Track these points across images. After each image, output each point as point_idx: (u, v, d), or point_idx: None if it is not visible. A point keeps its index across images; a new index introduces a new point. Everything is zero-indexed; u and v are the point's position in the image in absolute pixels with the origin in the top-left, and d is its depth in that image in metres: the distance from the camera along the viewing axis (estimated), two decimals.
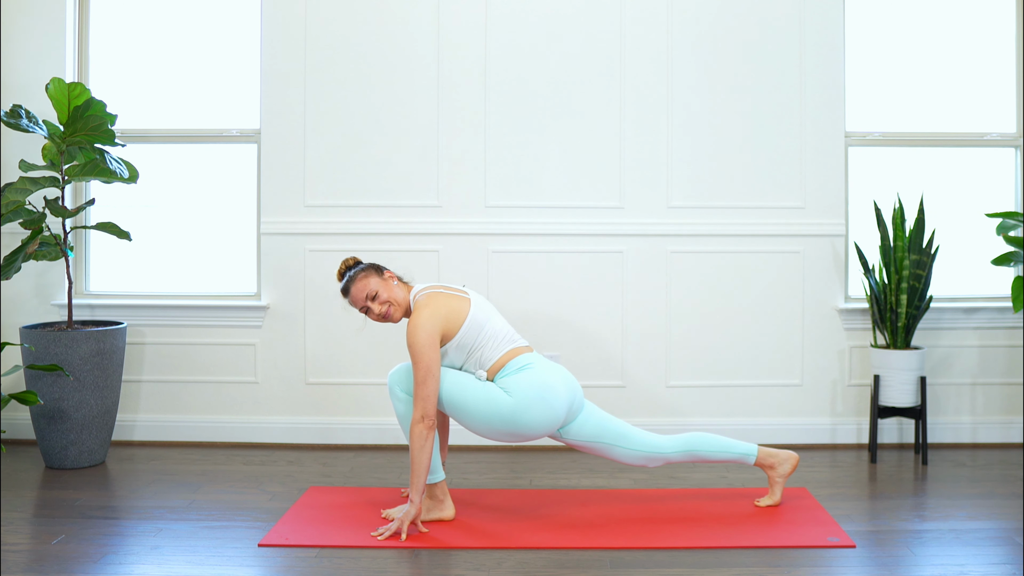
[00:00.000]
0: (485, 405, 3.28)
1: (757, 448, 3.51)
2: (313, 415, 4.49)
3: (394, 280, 3.44)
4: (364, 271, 3.42)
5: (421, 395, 3.21)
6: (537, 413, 3.28)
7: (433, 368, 3.22)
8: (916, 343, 4.44)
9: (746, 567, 2.95)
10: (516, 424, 3.28)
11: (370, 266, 3.45)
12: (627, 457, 3.44)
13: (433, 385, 3.22)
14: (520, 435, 3.32)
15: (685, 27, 4.44)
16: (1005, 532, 3.28)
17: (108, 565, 2.97)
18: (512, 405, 3.27)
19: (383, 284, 3.40)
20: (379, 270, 3.44)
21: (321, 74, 4.45)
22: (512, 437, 3.33)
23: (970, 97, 4.57)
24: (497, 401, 3.28)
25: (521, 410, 3.27)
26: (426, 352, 3.22)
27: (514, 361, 3.35)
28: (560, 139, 4.45)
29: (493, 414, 3.28)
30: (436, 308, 3.30)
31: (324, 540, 3.17)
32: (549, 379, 3.32)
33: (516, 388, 3.28)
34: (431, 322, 3.26)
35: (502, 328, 3.41)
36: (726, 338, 4.47)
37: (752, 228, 4.46)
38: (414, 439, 3.21)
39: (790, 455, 3.55)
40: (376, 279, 3.40)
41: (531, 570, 2.94)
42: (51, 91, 4.05)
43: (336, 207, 4.47)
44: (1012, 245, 4.07)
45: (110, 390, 4.16)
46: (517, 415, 3.27)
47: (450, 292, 3.40)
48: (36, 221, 4.02)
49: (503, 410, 3.27)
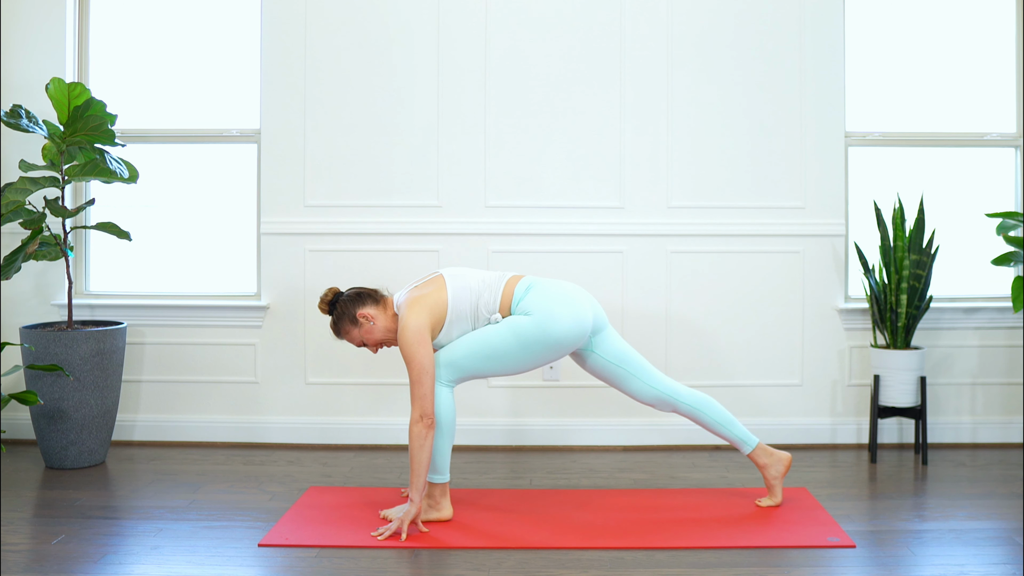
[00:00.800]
0: (513, 337, 3.29)
1: (758, 442, 3.52)
2: (313, 415, 4.49)
3: (373, 311, 3.40)
4: (342, 323, 3.42)
5: (418, 394, 3.22)
6: (564, 317, 3.30)
7: (427, 365, 3.22)
8: (916, 343, 4.44)
9: (746, 567, 2.95)
10: (550, 335, 3.29)
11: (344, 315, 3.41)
12: (642, 392, 3.47)
13: (429, 383, 3.22)
14: (558, 346, 3.31)
15: (685, 27, 4.44)
16: (1005, 532, 3.28)
17: (108, 565, 2.97)
18: (537, 320, 3.29)
19: (364, 330, 3.41)
20: (353, 317, 3.40)
21: (321, 74, 4.45)
22: (553, 352, 3.33)
23: (970, 97, 4.57)
24: (522, 326, 3.29)
25: (548, 320, 3.29)
26: (417, 350, 3.23)
27: (517, 288, 3.37)
28: (560, 139, 4.46)
29: (525, 340, 3.29)
30: (419, 306, 3.30)
31: (324, 540, 3.17)
32: (561, 287, 3.38)
33: (533, 306, 3.31)
34: (415, 319, 3.26)
35: (485, 275, 3.43)
36: (726, 338, 4.47)
37: (752, 228, 4.46)
38: (413, 438, 3.21)
39: (783, 455, 3.55)
40: (355, 330, 3.42)
41: (531, 570, 2.94)
42: (51, 91, 4.05)
43: (336, 207, 4.47)
44: (1012, 245, 4.07)
45: (110, 390, 4.16)
46: (546, 327, 3.28)
47: (423, 283, 3.41)
48: (36, 221, 4.02)
49: (531, 330, 3.29)
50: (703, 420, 3.51)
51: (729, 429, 3.51)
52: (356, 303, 3.42)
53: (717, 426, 3.51)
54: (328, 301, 3.46)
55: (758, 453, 3.52)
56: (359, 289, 3.48)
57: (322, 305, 3.47)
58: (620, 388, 3.51)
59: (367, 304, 3.42)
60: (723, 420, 3.51)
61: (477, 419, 4.43)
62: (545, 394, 4.47)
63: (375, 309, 3.42)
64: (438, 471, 3.32)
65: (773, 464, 3.53)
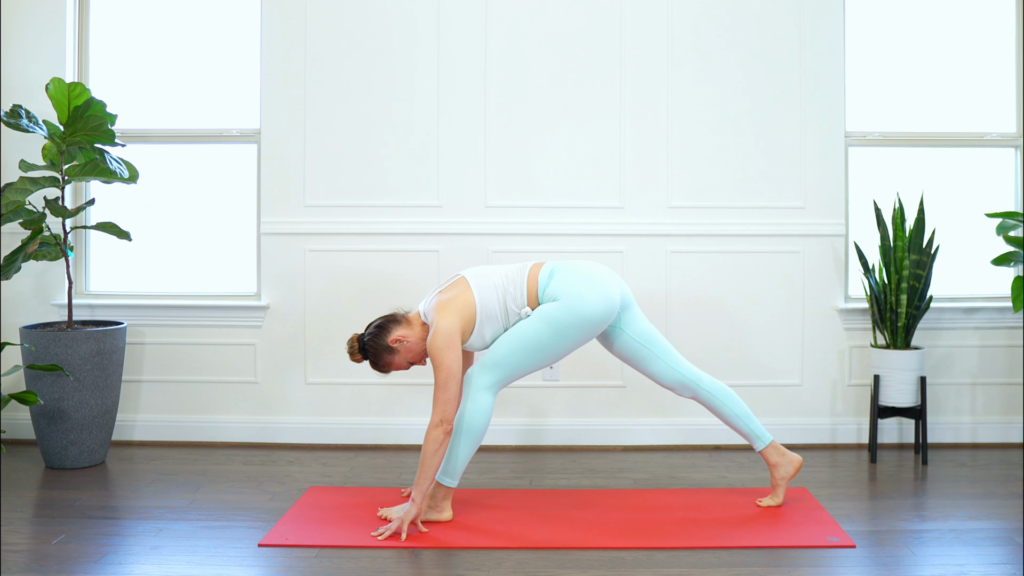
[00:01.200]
0: (547, 326, 3.29)
1: (772, 440, 3.51)
2: (313, 415, 4.49)
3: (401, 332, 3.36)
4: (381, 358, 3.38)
5: (442, 399, 3.19)
6: (592, 296, 3.30)
7: (455, 370, 3.20)
8: (916, 343, 4.44)
9: (746, 567, 2.95)
10: (581, 315, 3.29)
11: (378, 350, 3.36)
12: (665, 374, 3.48)
13: (454, 389, 3.20)
14: (591, 324, 3.32)
15: (685, 27, 4.44)
16: (1005, 532, 3.28)
17: (108, 565, 2.97)
18: (566, 304, 3.29)
19: (404, 353, 3.38)
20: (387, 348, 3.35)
21: (321, 74, 4.45)
22: (588, 331, 3.33)
23: (970, 97, 4.57)
24: (553, 313, 3.29)
25: (577, 301, 3.29)
26: (446, 354, 3.21)
27: (540, 276, 3.38)
28: (560, 139, 4.46)
29: (559, 326, 3.29)
30: (449, 310, 3.30)
31: (324, 540, 3.17)
32: (583, 266, 3.39)
33: (560, 290, 3.32)
34: (446, 323, 3.25)
35: (507, 270, 3.43)
36: (726, 338, 4.47)
37: (752, 228, 4.46)
38: (429, 442, 3.18)
39: (794, 457, 3.55)
40: (395, 357, 3.38)
41: (531, 570, 2.94)
42: (51, 91, 4.05)
43: (336, 207, 4.47)
44: (1012, 245, 4.07)
45: (110, 390, 4.16)
46: (576, 308, 3.29)
47: (447, 287, 3.41)
48: (36, 221, 4.02)
49: (563, 314, 3.29)
50: (721, 409, 3.51)
51: (746, 422, 3.51)
52: (382, 334, 3.37)
53: (734, 418, 3.51)
54: (356, 348, 3.42)
55: (770, 451, 3.52)
56: (377, 321, 3.42)
57: (354, 356, 3.42)
58: (643, 370, 3.51)
59: (392, 330, 3.38)
60: (741, 412, 3.51)
61: None
62: (545, 395, 4.47)
63: (402, 329, 3.38)
64: (451, 475, 3.29)
65: (783, 464, 3.53)
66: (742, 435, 3.54)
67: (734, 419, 3.51)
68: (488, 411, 3.28)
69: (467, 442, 3.27)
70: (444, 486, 3.31)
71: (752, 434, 3.51)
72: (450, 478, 3.30)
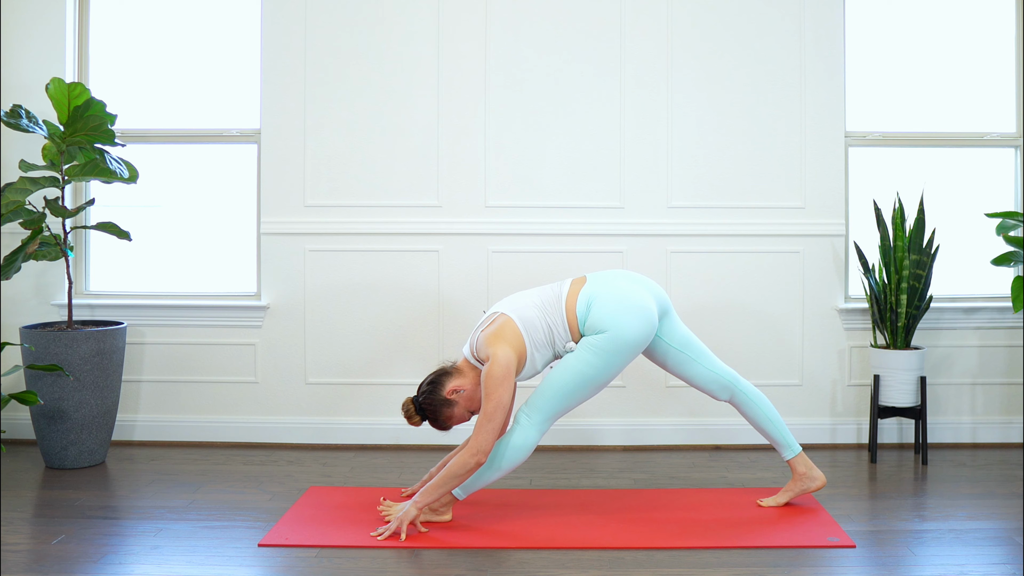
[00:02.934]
0: (596, 358, 3.25)
1: (801, 450, 3.51)
2: (313, 415, 4.49)
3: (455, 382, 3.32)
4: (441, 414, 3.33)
5: (487, 429, 3.14)
6: (635, 323, 3.28)
7: (505, 402, 3.16)
8: (916, 343, 4.44)
9: (746, 567, 2.95)
10: (627, 344, 3.27)
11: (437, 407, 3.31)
12: (703, 377, 3.47)
13: (500, 420, 3.15)
14: (637, 348, 3.31)
15: (685, 27, 4.44)
16: (1005, 532, 3.28)
17: (108, 565, 2.97)
18: (612, 337, 3.25)
19: (463, 402, 3.33)
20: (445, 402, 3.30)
21: (321, 74, 4.45)
22: (635, 353, 3.32)
23: (970, 97, 4.57)
24: (600, 346, 3.26)
25: (621, 332, 3.26)
26: (502, 385, 3.16)
27: (578, 306, 3.31)
28: (560, 139, 4.45)
29: (607, 357, 3.25)
30: (502, 341, 3.23)
31: (324, 540, 3.17)
32: (620, 288, 3.33)
33: (601, 321, 3.27)
34: (504, 353, 3.20)
35: (540, 296, 3.36)
36: (726, 338, 4.47)
37: (752, 228, 4.46)
38: (458, 466, 3.14)
39: (821, 476, 3.52)
40: (454, 409, 3.32)
41: (531, 570, 2.93)
42: (51, 91, 4.05)
43: (336, 207, 4.47)
44: (1012, 245, 4.07)
45: (110, 390, 4.16)
46: (622, 339, 3.26)
47: (487, 324, 3.33)
48: (36, 221, 4.02)
49: (609, 346, 3.25)
50: (755, 414, 3.50)
51: (779, 428, 3.51)
52: (436, 390, 3.32)
53: (767, 423, 3.50)
54: (414, 412, 3.36)
55: (798, 461, 3.51)
56: (429, 378, 3.36)
57: (411, 420, 3.36)
58: (681, 374, 3.50)
59: (446, 383, 3.33)
60: (774, 418, 3.51)
61: None
62: None
63: (455, 380, 3.34)
64: (465, 491, 3.26)
65: (810, 478, 3.51)
66: (772, 441, 3.53)
67: (767, 424, 3.50)
68: (530, 449, 3.24)
69: (498, 473, 3.24)
70: (453, 496, 3.29)
71: (783, 442, 3.50)
72: (463, 492, 3.27)
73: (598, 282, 3.37)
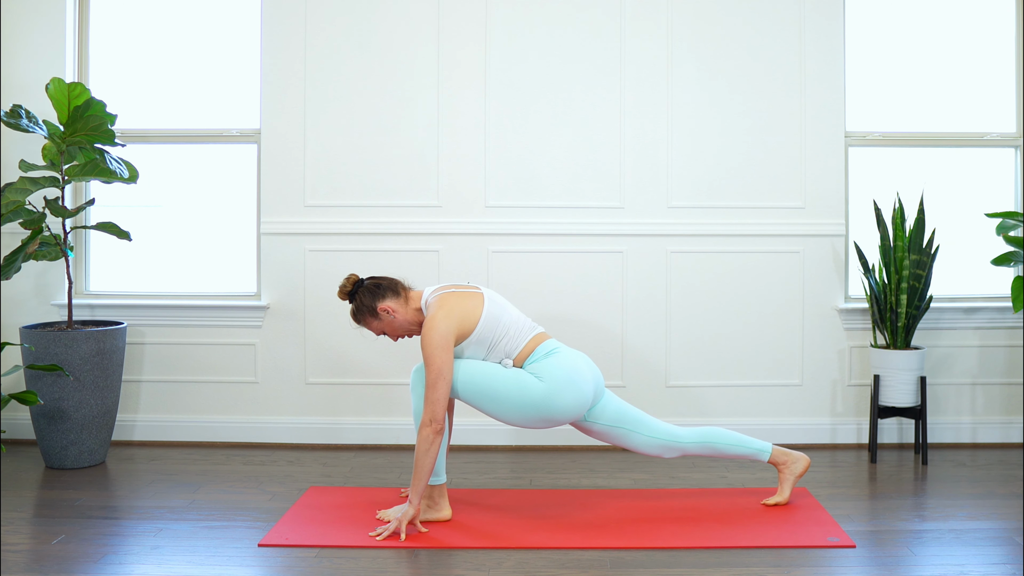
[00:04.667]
0: (517, 392, 3.28)
1: (772, 446, 3.53)
2: (313, 415, 4.49)
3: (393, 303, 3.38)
4: (362, 314, 3.40)
5: (431, 398, 3.19)
6: (569, 396, 3.29)
7: (445, 371, 3.20)
8: (916, 343, 4.44)
9: (746, 567, 2.95)
10: (549, 409, 3.28)
11: (364, 306, 3.38)
12: (645, 445, 3.45)
13: (444, 388, 3.20)
14: (551, 420, 3.32)
15: (685, 27, 4.44)
16: (1005, 532, 3.28)
17: (108, 565, 2.97)
18: (544, 390, 3.27)
19: (385, 323, 3.40)
20: (373, 310, 3.37)
21: (321, 74, 4.45)
22: (542, 422, 3.33)
23: (970, 97, 4.57)
24: (529, 387, 3.28)
25: (554, 394, 3.27)
26: (439, 354, 3.21)
27: (541, 347, 3.36)
28: (560, 139, 4.45)
29: (526, 400, 3.27)
30: (450, 309, 3.28)
31: (324, 540, 3.17)
32: (577, 362, 3.35)
33: (547, 373, 3.29)
34: (445, 323, 3.24)
35: (519, 317, 3.42)
36: (726, 338, 4.47)
37: (752, 228, 4.46)
38: (421, 441, 3.20)
39: (802, 456, 3.57)
40: (375, 322, 3.40)
41: (531, 570, 2.94)
42: (51, 91, 4.05)
43: (336, 207, 4.47)
44: (1012, 245, 4.07)
45: (110, 390, 4.16)
46: (550, 399, 3.27)
47: (461, 291, 3.38)
48: (36, 221, 4.02)
49: (536, 395, 3.27)
50: (715, 450, 3.50)
51: (743, 447, 3.51)
52: (376, 296, 3.38)
53: (730, 448, 3.51)
54: (348, 291, 3.43)
55: (776, 456, 3.54)
56: (378, 280, 3.43)
57: (341, 294, 3.44)
58: (624, 445, 3.49)
59: (387, 297, 3.39)
60: (734, 442, 3.51)
61: (478, 419, 4.43)
62: None
63: (395, 302, 3.39)
64: (435, 472, 3.32)
65: (792, 462, 3.55)
66: (746, 459, 3.55)
67: (731, 450, 3.51)
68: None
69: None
70: (434, 485, 3.33)
71: (754, 452, 3.52)
72: (435, 476, 3.32)
73: (568, 348, 3.42)
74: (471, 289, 3.41)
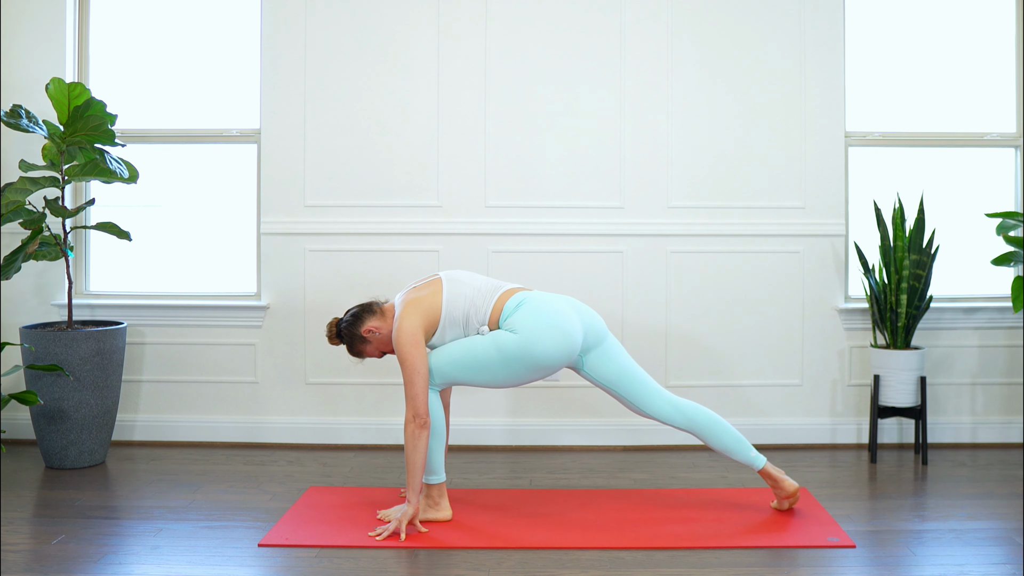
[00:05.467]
0: (496, 352, 3.30)
1: (765, 461, 3.43)
2: (313, 415, 4.49)
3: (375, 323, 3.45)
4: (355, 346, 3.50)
5: (410, 394, 3.25)
6: (548, 340, 3.29)
7: (419, 367, 3.25)
8: (916, 343, 4.44)
9: (746, 567, 2.95)
10: (532, 356, 3.29)
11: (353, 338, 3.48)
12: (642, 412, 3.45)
13: (421, 383, 3.25)
14: (541, 367, 3.32)
15: (685, 27, 4.44)
16: (1005, 532, 3.28)
17: (108, 565, 2.97)
18: (520, 340, 3.29)
19: (376, 342, 3.49)
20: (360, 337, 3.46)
21: (321, 74, 4.45)
22: (534, 372, 3.34)
23: (970, 97, 4.57)
24: (505, 343, 3.30)
25: (531, 342, 3.28)
26: (409, 351, 3.27)
27: (509, 302, 3.38)
28: (560, 139, 4.45)
29: (507, 356, 3.29)
30: (412, 307, 3.35)
31: (324, 540, 3.17)
32: (552, 305, 3.35)
33: (519, 323, 3.31)
34: (408, 321, 3.31)
35: (484, 283, 3.45)
36: (726, 338, 4.47)
37: (752, 228, 4.46)
38: (407, 438, 3.23)
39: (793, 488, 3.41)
40: (369, 346, 3.50)
41: (531, 570, 2.94)
42: (51, 91, 4.05)
43: (336, 207, 4.47)
44: (1012, 245, 4.07)
45: (110, 390, 4.16)
46: (529, 347, 3.28)
47: (422, 285, 3.45)
48: (36, 221, 4.02)
49: (514, 348, 3.29)
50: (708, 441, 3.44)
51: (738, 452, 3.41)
52: (356, 323, 3.48)
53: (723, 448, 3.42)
54: (335, 332, 3.53)
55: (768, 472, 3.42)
56: (354, 309, 3.52)
57: (332, 341, 3.54)
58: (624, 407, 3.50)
59: (367, 319, 3.48)
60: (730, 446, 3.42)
61: (477, 419, 4.43)
62: (545, 394, 4.46)
63: (376, 320, 3.48)
64: (433, 472, 3.34)
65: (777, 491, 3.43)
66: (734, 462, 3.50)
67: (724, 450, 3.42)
68: (435, 405, 3.32)
69: (431, 438, 3.31)
70: (433, 484, 3.35)
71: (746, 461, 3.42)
72: (434, 475, 3.34)
73: (538, 293, 3.43)
74: (430, 279, 3.47)
